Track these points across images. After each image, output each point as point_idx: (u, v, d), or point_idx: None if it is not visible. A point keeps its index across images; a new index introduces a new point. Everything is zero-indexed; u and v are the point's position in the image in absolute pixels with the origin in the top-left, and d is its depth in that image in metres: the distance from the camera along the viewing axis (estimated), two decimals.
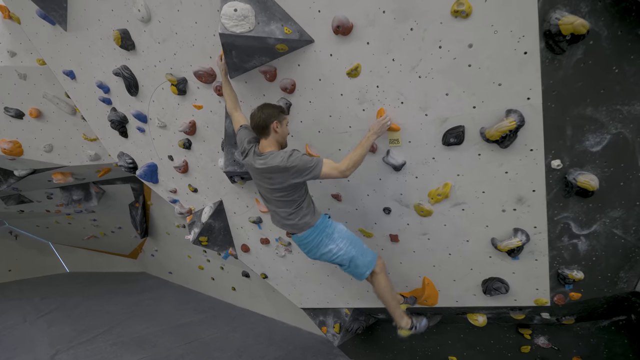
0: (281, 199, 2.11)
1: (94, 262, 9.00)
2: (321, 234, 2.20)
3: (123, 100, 3.33)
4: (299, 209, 2.14)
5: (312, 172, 1.95)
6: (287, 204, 2.12)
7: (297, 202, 2.12)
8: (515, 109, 1.71)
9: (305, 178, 1.98)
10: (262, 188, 2.18)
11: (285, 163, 1.94)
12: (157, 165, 3.72)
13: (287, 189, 2.05)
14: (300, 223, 2.16)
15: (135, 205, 6.30)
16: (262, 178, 2.10)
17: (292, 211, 2.13)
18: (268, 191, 2.13)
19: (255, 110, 2.07)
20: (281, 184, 2.02)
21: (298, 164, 1.94)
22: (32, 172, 5.03)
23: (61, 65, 3.54)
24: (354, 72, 2.01)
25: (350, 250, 2.20)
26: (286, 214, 2.16)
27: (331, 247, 2.20)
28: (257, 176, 2.14)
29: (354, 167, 1.97)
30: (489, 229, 2.13)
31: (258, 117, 2.04)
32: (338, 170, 1.95)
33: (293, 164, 1.94)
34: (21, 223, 7.92)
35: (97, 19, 2.88)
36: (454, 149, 1.97)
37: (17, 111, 4.28)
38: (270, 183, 2.07)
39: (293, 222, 2.17)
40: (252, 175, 2.20)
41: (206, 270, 6.17)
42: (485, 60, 1.67)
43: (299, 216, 2.14)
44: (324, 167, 1.96)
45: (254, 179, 2.22)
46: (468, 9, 1.58)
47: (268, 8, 2.00)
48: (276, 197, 2.12)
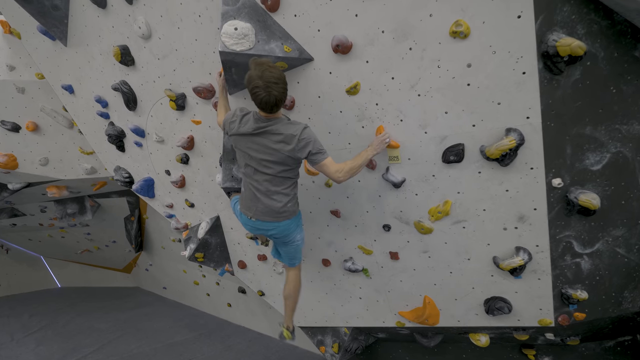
0: (277, 175, 1.93)
1: (86, 277, 8.81)
2: (297, 223, 2.20)
3: (121, 114, 3.32)
4: (291, 188, 2.02)
5: (318, 155, 1.85)
6: (281, 182, 1.96)
7: (291, 181, 2.02)
8: (514, 127, 1.71)
9: (309, 156, 1.86)
10: (254, 161, 1.93)
11: (300, 134, 1.81)
12: (153, 180, 3.68)
13: (285, 163, 1.90)
14: (288, 208, 2.04)
15: (131, 219, 6.22)
16: (262, 148, 1.88)
17: (282, 191, 1.99)
18: (263, 164, 1.91)
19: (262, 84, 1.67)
20: (283, 155, 1.86)
21: (312, 140, 1.84)
22: (27, 186, 4.96)
23: (60, 79, 3.55)
24: (353, 90, 2.01)
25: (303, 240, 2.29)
26: (276, 194, 1.98)
27: (298, 237, 2.23)
28: (253, 146, 1.90)
29: (349, 175, 1.90)
30: (490, 247, 2.10)
31: (278, 94, 1.71)
32: (335, 171, 1.87)
33: (308, 138, 1.82)
34: (13, 237, 7.77)
35: (98, 35, 2.90)
36: (454, 167, 1.96)
37: (13, 124, 4.25)
38: (271, 154, 1.87)
39: (281, 205, 2.01)
40: (244, 147, 1.94)
41: (202, 285, 6.05)
42: (484, 80, 1.68)
43: (288, 198, 2.02)
44: (328, 159, 1.87)
45: (245, 151, 1.95)
46: (466, 30, 1.60)
47: (268, 27, 2.01)
48: (271, 172, 1.92)
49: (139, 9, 2.52)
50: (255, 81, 1.69)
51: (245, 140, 1.94)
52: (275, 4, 1.97)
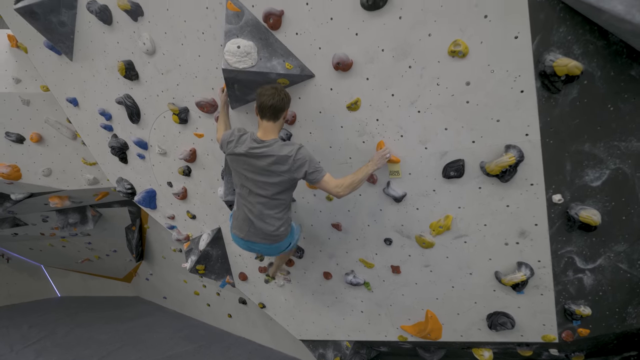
0: (271, 197, 1.94)
1: (86, 286, 8.77)
2: (289, 240, 2.20)
3: (124, 127, 3.36)
4: (284, 212, 2.03)
5: (315, 174, 1.87)
6: (274, 205, 1.97)
7: (284, 205, 2.02)
8: (514, 144, 1.73)
9: (307, 176, 1.88)
10: (249, 182, 1.95)
11: (295, 155, 1.84)
12: (155, 192, 3.70)
13: (281, 185, 1.92)
14: (281, 232, 2.05)
15: (132, 228, 6.22)
16: (258, 170, 1.90)
17: (275, 215, 1.99)
18: (258, 185, 1.92)
19: (269, 88, 1.84)
20: (279, 176, 1.88)
21: (308, 159, 1.86)
22: (29, 196, 4.99)
23: (65, 92, 3.60)
24: (354, 106, 2.04)
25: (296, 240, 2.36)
26: (269, 217, 1.99)
27: (290, 245, 2.25)
28: (249, 167, 1.92)
29: (349, 190, 1.91)
30: (492, 262, 2.10)
31: (279, 97, 1.82)
32: (334, 186, 1.88)
33: (303, 158, 1.85)
34: (14, 246, 7.77)
35: (103, 50, 2.95)
36: (454, 182, 1.97)
37: (18, 136, 4.30)
38: (267, 175, 1.89)
39: (273, 229, 2.01)
40: (240, 167, 1.97)
41: (202, 295, 6.01)
42: (483, 98, 1.70)
43: (281, 222, 2.03)
44: (326, 176, 1.89)
45: (240, 171, 1.97)
46: (465, 50, 1.63)
47: (270, 44, 2.05)
48: (266, 194, 1.93)
49: (143, 26, 2.57)
50: (266, 88, 1.86)
51: (241, 160, 1.95)
52: (277, 23, 2.01)
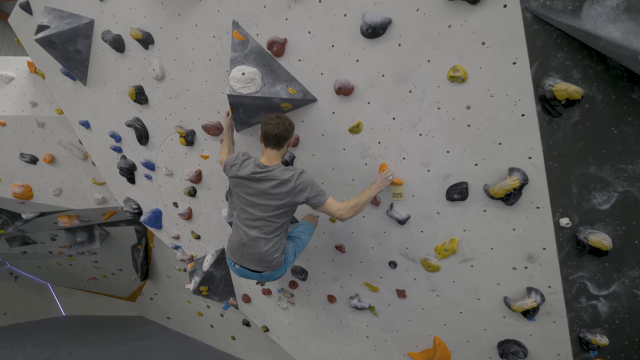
0: (269, 220, 1.93)
1: (91, 305, 8.73)
2: (284, 267, 2.15)
3: (133, 149, 3.44)
4: (279, 237, 2.00)
5: (317, 197, 1.88)
6: (272, 230, 1.96)
7: (281, 230, 2.00)
8: (517, 167, 1.71)
9: (309, 200, 1.89)
10: (249, 205, 1.96)
11: (296, 178, 1.87)
12: (161, 212, 3.74)
13: (281, 208, 1.92)
14: (275, 259, 2.01)
15: (138, 247, 6.24)
16: (259, 192, 1.91)
17: (272, 239, 1.97)
18: (258, 208, 1.93)
19: (274, 118, 1.89)
20: (280, 200, 1.89)
21: (309, 184, 1.88)
22: (39, 215, 5.08)
23: (78, 115, 3.72)
24: (355, 129, 2.06)
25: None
26: (264, 240, 1.96)
27: (282, 271, 2.17)
28: (250, 190, 1.94)
29: (353, 213, 1.91)
30: (500, 287, 2.03)
31: (283, 127, 1.88)
32: (338, 209, 1.89)
33: (304, 182, 1.87)
34: (22, 264, 7.85)
35: (115, 76, 3.07)
36: (458, 205, 1.95)
37: (32, 157, 4.43)
38: (268, 198, 1.90)
39: (267, 253, 1.98)
40: (241, 190, 1.99)
41: (206, 316, 5.92)
42: (484, 121, 1.71)
43: (275, 247, 1.99)
44: (329, 200, 1.90)
45: (241, 195, 1.99)
46: (464, 75, 1.65)
47: (274, 71, 2.11)
48: (264, 217, 1.93)
49: (154, 53, 2.68)
50: (271, 117, 1.91)
51: (243, 184, 1.98)
52: (281, 50, 2.08)
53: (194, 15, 2.33)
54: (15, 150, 4.41)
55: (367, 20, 1.75)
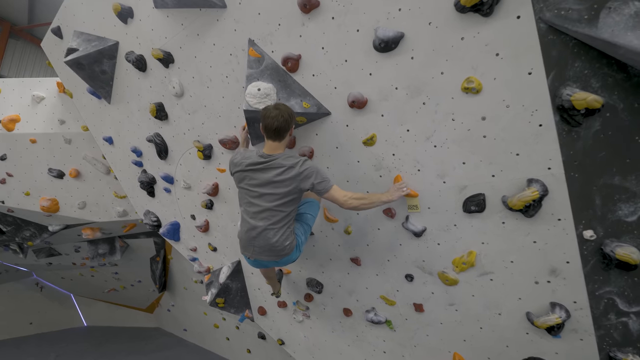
0: (275, 209, 1.93)
1: (111, 316, 8.92)
2: (297, 251, 2.13)
3: (153, 163, 3.56)
4: (288, 225, 2.00)
5: (323, 184, 1.89)
6: (280, 219, 1.96)
7: (288, 218, 2.00)
8: (536, 178, 1.67)
9: (314, 187, 1.89)
10: (255, 196, 1.96)
11: (301, 165, 1.89)
12: (179, 224, 3.82)
13: (287, 195, 1.92)
14: (286, 246, 2.01)
15: (156, 259, 6.37)
16: (264, 182, 1.92)
17: (280, 227, 1.97)
18: (264, 198, 1.93)
19: (272, 110, 1.89)
20: (286, 187, 1.89)
21: (314, 170, 1.89)
22: (65, 227, 5.29)
23: (102, 132, 3.90)
24: (369, 141, 2.07)
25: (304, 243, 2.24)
26: (273, 230, 1.96)
27: (297, 254, 2.15)
28: (255, 182, 1.95)
29: (357, 204, 1.90)
30: (522, 302, 1.96)
31: (283, 119, 1.87)
32: (343, 196, 1.90)
33: (310, 169, 1.89)
34: (48, 275, 8.14)
35: (137, 94, 3.22)
36: (476, 217, 1.91)
37: (59, 172, 4.65)
38: (274, 187, 1.91)
39: (277, 242, 1.98)
40: (246, 184, 2.00)
41: (221, 328, 5.94)
42: (500, 132, 1.69)
43: (285, 235, 1.99)
44: (334, 186, 1.91)
45: (246, 187, 2.00)
46: (478, 86, 1.65)
47: (288, 86, 2.16)
48: (270, 207, 1.93)
49: (174, 72, 2.80)
50: (270, 109, 1.92)
51: (248, 176, 1.99)
52: (295, 66, 2.14)
53: (212, 35, 2.43)
54: (44, 166, 4.64)
55: (379, 35, 1.78)
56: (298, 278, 2.99)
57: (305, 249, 2.77)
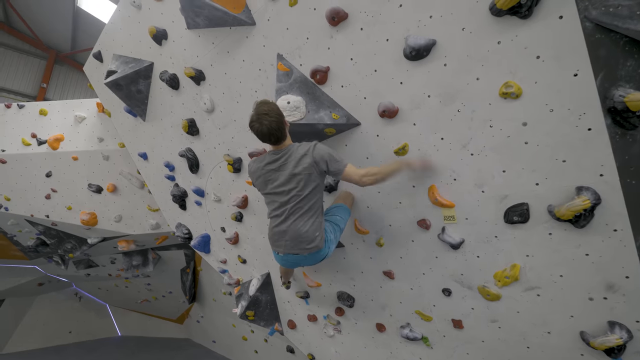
0: (303, 200, 1.91)
1: (143, 326, 9.19)
2: (328, 246, 2.08)
3: (185, 177, 3.67)
4: (315, 216, 1.96)
5: (337, 164, 1.88)
6: (305, 211, 1.93)
7: (315, 208, 1.96)
8: (587, 186, 1.56)
9: (329, 167, 1.88)
10: (279, 194, 1.96)
11: (313, 149, 1.89)
12: (210, 236, 3.89)
13: (310, 184, 1.90)
14: (315, 237, 1.97)
15: (186, 270, 6.52)
16: (286, 178, 1.92)
17: (308, 219, 1.94)
18: (288, 193, 1.93)
19: (254, 117, 1.87)
20: (307, 173, 1.87)
21: (327, 152, 1.88)
22: (102, 240, 5.55)
23: (137, 148, 4.08)
24: (401, 151, 2.03)
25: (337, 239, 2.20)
26: (302, 223, 1.93)
27: (326, 250, 2.08)
28: (277, 180, 1.95)
29: (374, 179, 1.88)
30: (574, 320, 1.81)
31: (268, 123, 1.84)
32: (358, 174, 1.88)
33: (321, 151, 1.88)
34: (86, 285, 8.55)
35: (170, 111, 3.36)
36: (518, 228, 1.80)
37: (97, 187, 4.92)
38: (296, 180, 1.90)
39: (306, 233, 1.94)
40: (268, 187, 2.01)
41: (250, 341, 5.94)
42: (544, 138, 1.59)
43: (314, 226, 1.95)
44: (348, 165, 1.90)
45: (270, 190, 2.00)
46: (517, 91, 1.57)
47: (317, 98, 2.17)
48: (296, 200, 1.92)
49: (205, 88, 2.90)
50: (252, 117, 1.90)
51: (270, 178, 2.00)
52: (324, 78, 2.15)
53: (242, 52, 2.50)
54: (84, 181, 4.93)
55: (410, 43, 1.76)
56: (328, 291, 2.94)
57: (336, 262, 2.72)
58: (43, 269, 7.45)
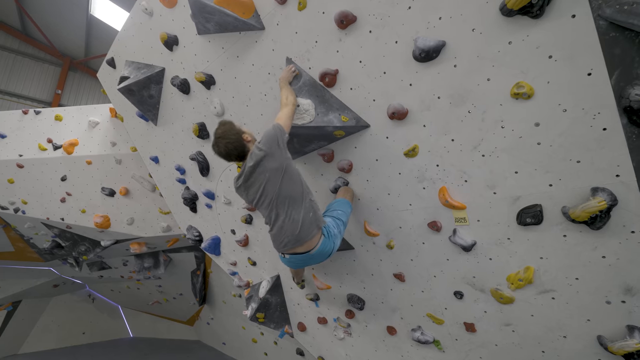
0: (287, 196, 1.91)
1: (154, 328, 9.29)
2: (331, 239, 2.01)
3: (196, 180, 3.72)
4: (305, 202, 1.94)
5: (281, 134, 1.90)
6: (295, 201, 1.92)
7: (304, 196, 1.94)
8: (602, 187, 1.53)
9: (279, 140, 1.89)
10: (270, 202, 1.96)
11: (263, 146, 1.89)
12: (220, 239, 3.93)
13: (284, 176, 1.90)
14: (314, 224, 1.95)
15: (197, 273, 6.58)
16: (265, 186, 1.93)
17: (302, 208, 1.92)
18: (274, 196, 1.92)
19: (214, 141, 2.01)
20: (276, 170, 1.88)
21: (270, 137, 1.89)
22: (115, 242, 5.65)
23: (149, 152, 4.16)
24: (411, 153, 2.02)
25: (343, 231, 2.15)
26: (297, 214, 1.92)
27: (331, 244, 2.03)
28: (261, 194, 1.96)
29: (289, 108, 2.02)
30: (591, 323, 1.77)
31: (225, 144, 1.96)
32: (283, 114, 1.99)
33: (268, 141, 1.89)
34: (99, 287, 8.70)
35: (181, 115, 3.41)
36: (532, 229, 1.78)
37: (110, 190, 5.01)
38: (271, 181, 1.90)
39: (306, 220, 1.92)
40: (263, 206, 2.00)
41: (259, 343, 5.95)
42: (557, 138, 1.57)
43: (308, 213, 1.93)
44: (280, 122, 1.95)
45: (264, 206, 2.00)
46: (529, 91, 1.56)
47: (326, 100, 2.18)
48: (282, 196, 1.91)
49: (215, 93, 2.94)
50: (212, 143, 2.04)
51: (249, 196, 2.03)
52: (333, 81, 2.16)
53: (251, 56, 2.53)
54: (98, 185, 5.03)
55: (419, 45, 1.76)
56: (338, 294, 2.93)
57: (345, 264, 2.72)
58: (58, 270, 7.62)
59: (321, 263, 2.23)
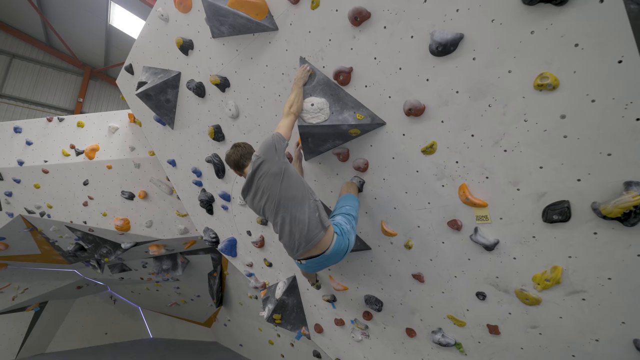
0: (286, 201, 1.91)
1: (173, 329, 9.46)
2: (342, 239, 1.98)
3: (212, 182, 3.76)
4: (308, 201, 1.93)
5: (278, 141, 1.93)
6: (299, 202, 1.91)
7: (306, 196, 1.93)
8: (637, 181, 1.44)
9: (277, 146, 1.92)
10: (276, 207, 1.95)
11: (259, 152, 1.96)
12: (236, 240, 3.96)
13: (285, 180, 1.91)
14: (320, 220, 1.92)
15: (214, 274, 6.66)
16: (261, 195, 1.97)
17: (307, 207, 1.91)
18: (276, 200, 1.92)
19: (227, 158, 2.22)
20: (276, 175, 1.89)
21: (267, 144, 1.94)
22: (135, 245, 5.79)
23: (166, 155, 4.24)
24: (429, 150, 1.97)
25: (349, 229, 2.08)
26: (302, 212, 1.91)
27: (345, 242, 2.00)
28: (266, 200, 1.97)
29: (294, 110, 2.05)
30: (626, 326, 1.67)
31: (238, 150, 2.18)
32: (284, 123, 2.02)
33: (264, 148, 1.94)
34: (119, 289, 8.93)
35: (197, 118, 3.46)
36: (559, 227, 1.70)
37: (130, 194, 5.14)
38: (269, 187, 1.92)
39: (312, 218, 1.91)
40: (268, 212, 2.00)
41: (276, 345, 5.95)
42: (585, 130, 1.50)
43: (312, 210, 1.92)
44: (280, 131, 1.98)
45: (268, 213, 2.01)
46: (554, 82, 1.49)
47: (341, 99, 2.16)
48: (284, 198, 1.91)
49: (229, 95, 2.97)
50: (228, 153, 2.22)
51: (259, 206, 2.04)
52: (347, 79, 2.14)
53: (265, 57, 2.54)
54: (118, 189, 5.17)
55: (436, 39, 1.71)
56: (355, 295, 2.89)
57: (363, 264, 2.68)
58: (81, 272, 7.86)
59: (337, 264, 2.20)
